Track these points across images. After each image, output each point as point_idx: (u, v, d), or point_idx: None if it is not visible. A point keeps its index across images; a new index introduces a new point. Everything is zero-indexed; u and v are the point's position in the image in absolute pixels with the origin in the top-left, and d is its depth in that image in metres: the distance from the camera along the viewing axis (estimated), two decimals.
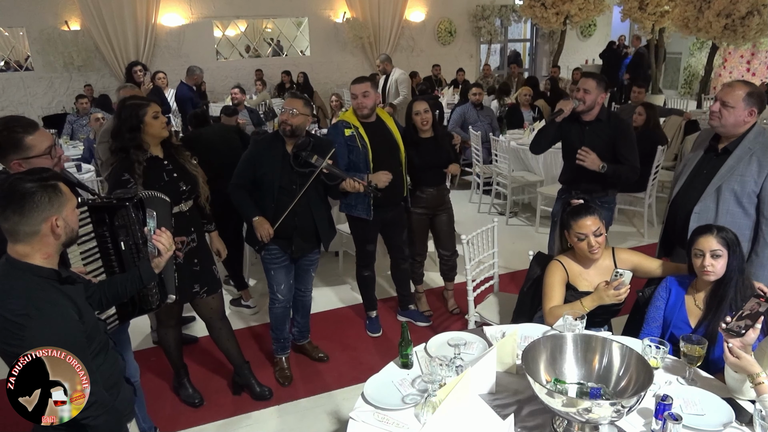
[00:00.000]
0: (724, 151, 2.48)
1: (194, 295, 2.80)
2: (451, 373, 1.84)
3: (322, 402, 3.08)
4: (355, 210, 3.38)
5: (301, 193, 2.88)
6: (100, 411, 1.52)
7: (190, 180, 2.68)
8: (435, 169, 3.60)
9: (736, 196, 2.41)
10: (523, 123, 6.63)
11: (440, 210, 3.72)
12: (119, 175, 2.47)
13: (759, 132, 2.43)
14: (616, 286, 2.20)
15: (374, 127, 3.33)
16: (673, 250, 2.78)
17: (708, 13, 8.70)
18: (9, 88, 9.45)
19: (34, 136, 1.98)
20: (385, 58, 7.08)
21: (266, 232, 2.88)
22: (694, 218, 2.50)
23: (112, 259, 2.07)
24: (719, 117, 2.42)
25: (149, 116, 2.51)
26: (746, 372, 1.73)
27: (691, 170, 2.61)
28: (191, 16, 10.28)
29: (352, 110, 3.35)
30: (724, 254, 2.08)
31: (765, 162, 2.36)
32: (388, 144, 3.37)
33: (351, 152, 3.26)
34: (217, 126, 4.36)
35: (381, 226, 3.51)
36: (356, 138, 3.26)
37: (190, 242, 2.71)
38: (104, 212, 2.03)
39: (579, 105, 3.25)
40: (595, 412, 1.51)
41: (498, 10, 12.45)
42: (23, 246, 1.53)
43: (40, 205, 1.51)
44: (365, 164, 3.26)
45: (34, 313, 1.45)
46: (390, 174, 3.23)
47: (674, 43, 12.57)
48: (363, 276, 3.64)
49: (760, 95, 2.42)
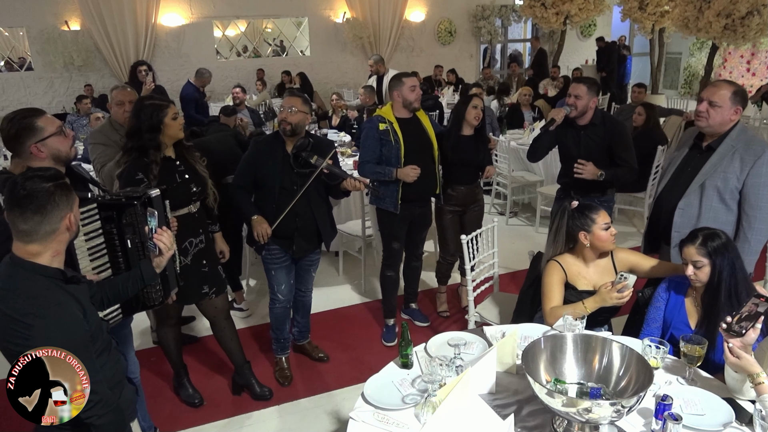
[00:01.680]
0: (708, 148, 2.54)
1: (203, 296, 2.80)
2: (451, 373, 1.84)
3: (322, 402, 3.08)
4: (383, 203, 3.39)
5: (301, 193, 2.89)
6: (105, 410, 1.53)
7: (200, 181, 2.69)
8: (470, 167, 3.59)
9: (719, 192, 2.47)
10: (523, 123, 6.64)
11: (472, 206, 3.71)
12: (133, 174, 2.47)
13: (741, 130, 2.49)
14: (620, 289, 2.21)
15: (409, 124, 3.35)
16: (659, 247, 2.81)
17: (708, 13, 8.69)
18: (9, 88, 9.44)
19: (43, 118, 2.06)
20: (378, 59, 7.05)
21: (264, 232, 2.88)
22: (678, 213, 2.57)
23: (119, 255, 2.10)
24: (707, 117, 2.46)
25: (169, 117, 2.52)
26: (746, 372, 1.73)
27: (676, 167, 2.67)
28: (191, 16, 10.28)
29: (390, 106, 3.38)
30: (706, 264, 2.10)
31: (747, 159, 2.41)
32: (422, 141, 3.38)
33: (384, 146, 3.29)
34: (215, 130, 4.33)
35: (409, 222, 3.50)
36: (390, 133, 3.28)
37: (199, 243, 2.71)
38: (113, 210, 2.06)
39: (571, 111, 3.27)
40: (595, 412, 1.52)
41: (498, 10, 12.45)
42: (37, 245, 1.53)
43: (60, 204, 1.53)
44: (396, 159, 3.29)
45: (40, 313, 1.46)
46: (418, 169, 3.25)
47: (674, 43, 12.57)
48: (386, 276, 3.59)
49: (744, 94, 2.48)
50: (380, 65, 6.96)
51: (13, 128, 2.01)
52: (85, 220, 1.95)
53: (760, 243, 2.47)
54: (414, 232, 3.59)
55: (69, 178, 2.04)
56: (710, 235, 2.12)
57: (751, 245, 2.45)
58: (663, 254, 2.73)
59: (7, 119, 2.04)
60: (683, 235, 2.45)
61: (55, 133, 2.04)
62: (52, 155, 2.04)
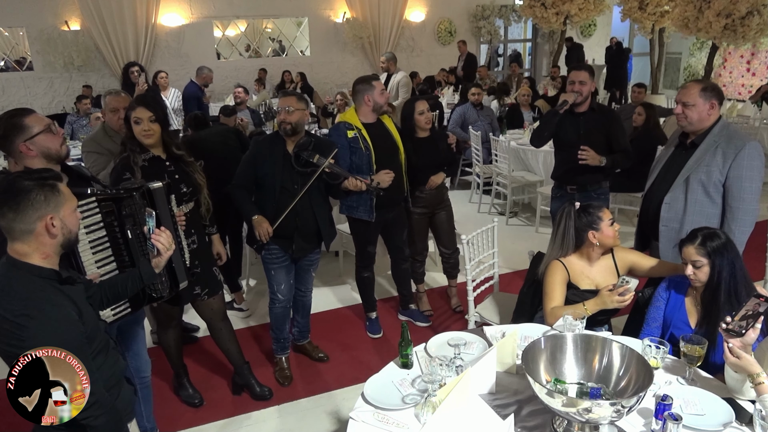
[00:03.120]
0: (692, 145, 2.63)
1: (195, 297, 2.80)
2: (451, 373, 1.84)
3: (322, 402, 3.08)
4: (356, 212, 3.36)
5: (302, 192, 2.88)
6: (100, 411, 1.52)
7: (191, 183, 2.68)
8: (433, 168, 3.60)
9: (703, 186, 2.55)
10: (523, 123, 6.64)
11: (439, 208, 3.73)
12: (121, 174, 2.49)
13: (723, 126, 2.58)
14: (621, 293, 2.21)
15: (376, 129, 3.33)
16: (650, 244, 2.85)
17: (708, 13, 8.69)
18: (9, 88, 9.44)
19: (31, 116, 2.06)
20: (391, 56, 6.93)
21: (265, 231, 2.88)
22: (665, 208, 2.65)
23: (121, 247, 2.11)
24: (685, 117, 2.58)
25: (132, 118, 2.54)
26: (746, 372, 1.73)
27: (663, 164, 2.77)
28: (191, 16, 10.28)
29: (353, 110, 3.34)
30: (705, 264, 2.11)
31: (729, 153, 2.49)
32: (390, 145, 3.37)
33: (354, 154, 3.25)
34: (216, 128, 4.35)
35: (382, 227, 3.51)
36: (359, 140, 3.24)
37: (191, 244, 2.71)
38: (111, 202, 2.07)
39: (577, 97, 3.28)
40: (595, 412, 1.51)
41: (498, 10, 12.44)
42: (21, 245, 1.53)
43: (35, 203, 1.50)
44: (368, 166, 3.25)
45: (34, 314, 1.45)
46: (392, 173, 3.24)
47: (674, 43, 12.56)
48: (362, 277, 3.64)
49: (715, 87, 2.57)
50: (392, 63, 6.86)
51: (1, 128, 2.02)
52: (84, 214, 1.96)
53: (745, 234, 2.53)
54: (394, 236, 3.60)
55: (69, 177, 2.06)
56: (710, 235, 2.12)
57: (736, 236, 2.49)
58: (653, 251, 2.77)
59: None
60: (671, 229, 2.50)
61: (43, 131, 2.04)
62: (42, 153, 2.05)
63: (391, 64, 6.87)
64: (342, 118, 3.40)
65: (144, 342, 2.60)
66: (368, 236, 3.49)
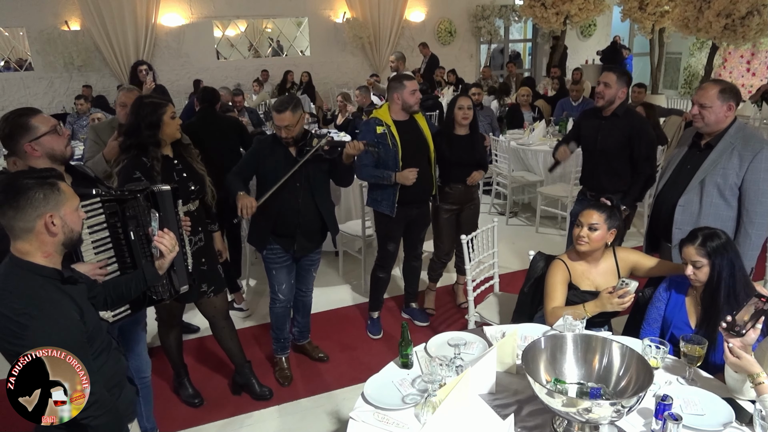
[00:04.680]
0: (707, 146, 2.58)
1: (202, 295, 2.80)
2: (451, 373, 1.84)
3: (322, 402, 3.08)
4: (380, 206, 3.39)
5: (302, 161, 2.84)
6: (101, 411, 1.52)
7: (198, 180, 2.69)
8: (466, 166, 3.59)
9: (718, 188, 2.51)
10: (523, 123, 6.63)
11: (468, 204, 3.71)
12: (131, 173, 2.46)
13: (739, 127, 2.54)
14: (621, 295, 2.21)
15: (406, 126, 3.35)
16: (660, 245, 2.83)
17: (708, 13, 8.69)
18: (9, 88, 9.44)
19: (37, 117, 2.05)
20: (400, 56, 6.89)
21: (249, 204, 2.78)
22: (679, 211, 2.61)
23: (124, 248, 2.11)
24: (701, 118, 2.52)
25: (168, 116, 2.53)
26: (746, 372, 1.73)
27: (676, 165, 2.72)
28: (191, 16, 10.28)
29: (387, 107, 3.37)
30: (705, 264, 2.11)
31: (745, 155, 2.46)
32: (418, 143, 3.39)
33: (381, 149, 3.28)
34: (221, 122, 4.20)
35: (405, 224, 3.50)
36: (387, 136, 3.27)
37: (198, 242, 2.71)
38: (115, 203, 2.07)
39: (598, 101, 3.26)
40: (595, 412, 1.52)
41: (498, 10, 12.44)
42: (23, 243, 1.54)
43: (34, 202, 1.50)
44: (394, 162, 3.28)
45: (35, 313, 1.46)
46: (416, 171, 3.25)
47: (674, 43, 12.56)
48: (377, 277, 3.61)
49: (733, 89, 2.52)
50: (401, 62, 6.84)
51: (7, 127, 2.02)
52: (88, 214, 1.96)
53: (761, 237, 2.51)
54: (412, 233, 3.60)
55: (72, 178, 2.06)
56: (710, 235, 2.12)
57: (753, 240, 2.48)
58: (663, 252, 2.74)
59: (3, 119, 2.05)
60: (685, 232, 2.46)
61: (49, 132, 2.04)
62: (47, 154, 2.04)
63: (400, 63, 6.85)
64: (375, 113, 3.43)
65: (144, 343, 2.60)
66: (389, 232, 3.47)
